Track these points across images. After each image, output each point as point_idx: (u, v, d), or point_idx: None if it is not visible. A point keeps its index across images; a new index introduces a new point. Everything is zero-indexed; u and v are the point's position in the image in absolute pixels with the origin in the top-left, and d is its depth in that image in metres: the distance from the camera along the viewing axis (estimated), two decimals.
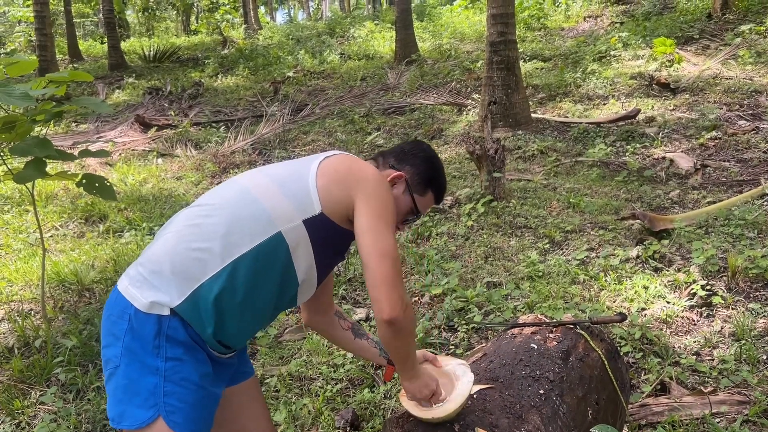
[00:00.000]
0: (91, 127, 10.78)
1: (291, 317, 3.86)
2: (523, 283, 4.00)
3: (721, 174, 6.26)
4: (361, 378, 3.11)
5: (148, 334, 1.48)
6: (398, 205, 1.74)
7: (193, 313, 1.51)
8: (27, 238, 5.37)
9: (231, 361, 1.75)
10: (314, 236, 1.59)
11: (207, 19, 28.78)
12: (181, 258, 1.52)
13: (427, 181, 1.81)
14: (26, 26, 24.07)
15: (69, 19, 19.44)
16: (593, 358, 2.16)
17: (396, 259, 1.54)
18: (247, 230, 1.54)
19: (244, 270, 1.53)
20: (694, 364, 3.02)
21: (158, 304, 1.49)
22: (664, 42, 10.58)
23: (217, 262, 1.51)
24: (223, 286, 1.51)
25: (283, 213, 1.56)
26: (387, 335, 1.57)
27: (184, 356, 1.51)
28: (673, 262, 4.15)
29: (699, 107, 8.32)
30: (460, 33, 16.90)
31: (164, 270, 1.52)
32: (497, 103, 8.66)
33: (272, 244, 1.54)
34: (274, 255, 1.56)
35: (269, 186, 1.60)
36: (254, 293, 1.56)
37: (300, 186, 1.59)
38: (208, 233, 1.54)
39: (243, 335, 1.67)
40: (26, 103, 2.89)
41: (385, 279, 1.50)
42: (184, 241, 1.55)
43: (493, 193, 5.55)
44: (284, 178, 1.62)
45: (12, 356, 3.39)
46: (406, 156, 1.81)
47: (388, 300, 1.50)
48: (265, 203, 1.57)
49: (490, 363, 2.05)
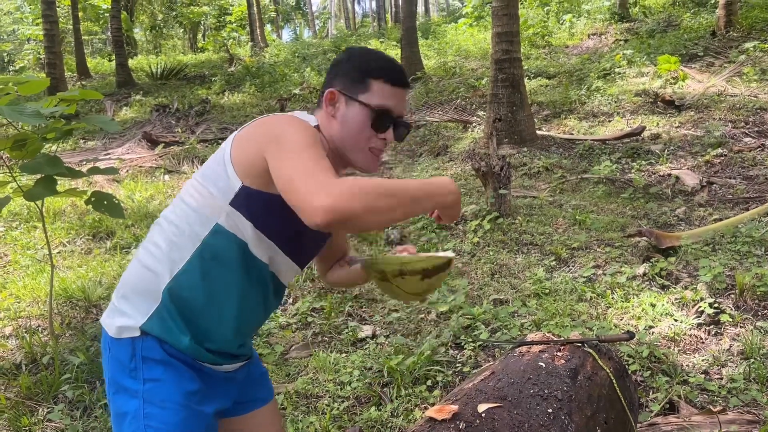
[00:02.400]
0: (98, 144, 10.87)
1: (297, 335, 3.86)
2: (530, 301, 4.00)
3: (727, 191, 6.26)
4: (368, 396, 3.10)
5: (124, 358, 1.45)
6: (352, 120, 1.47)
7: (162, 327, 1.45)
8: (35, 254, 5.39)
9: (235, 374, 1.64)
10: (249, 214, 1.42)
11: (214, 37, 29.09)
12: (138, 277, 1.49)
13: (361, 73, 1.49)
14: (35, 44, 24.37)
15: (78, 38, 19.66)
16: (601, 376, 2.15)
17: (310, 168, 1.22)
18: (186, 234, 1.45)
19: (195, 274, 1.44)
20: (702, 382, 3.00)
21: (127, 328, 1.45)
22: (668, 59, 10.63)
23: (166, 272, 1.45)
24: (182, 296, 1.45)
25: (211, 204, 1.43)
26: (344, 225, 1.19)
27: (164, 375, 1.44)
28: (680, 279, 4.14)
29: (704, 124, 8.33)
30: (465, 50, 17.01)
31: (127, 293, 1.50)
32: (502, 120, 8.69)
33: (214, 239, 1.43)
34: (221, 248, 1.44)
35: (195, 183, 1.48)
36: (218, 291, 1.46)
37: (219, 168, 1.43)
38: (158, 248, 1.48)
39: (232, 335, 1.53)
40: (37, 121, 2.93)
41: (299, 192, 1.20)
42: (138, 259, 1.51)
43: (499, 210, 5.56)
44: (208, 166, 1.48)
45: (20, 373, 3.40)
46: (330, 72, 1.54)
47: (306, 202, 1.17)
48: (194, 203, 1.45)
49: (498, 381, 2.05)
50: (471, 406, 1.91)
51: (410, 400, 2.98)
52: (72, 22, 19.80)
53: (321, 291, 4.42)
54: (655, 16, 15.28)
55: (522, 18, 13.85)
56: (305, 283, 4.60)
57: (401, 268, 1.44)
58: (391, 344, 3.53)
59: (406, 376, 3.13)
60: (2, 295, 4.48)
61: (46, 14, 15.09)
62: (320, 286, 4.51)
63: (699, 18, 13.98)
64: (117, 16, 17.98)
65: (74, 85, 17.53)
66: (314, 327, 3.93)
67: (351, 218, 1.16)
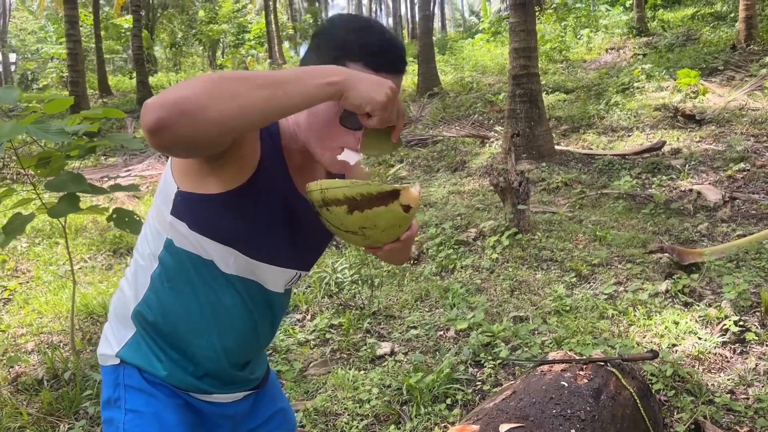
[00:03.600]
0: (119, 160, 11.02)
1: (316, 351, 3.86)
2: (551, 318, 3.96)
3: (750, 206, 6.17)
4: (387, 414, 3.08)
5: (110, 386, 1.37)
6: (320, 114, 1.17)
7: (137, 355, 1.34)
8: (57, 270, 5.46)
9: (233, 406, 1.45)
10: (191, 221, 1.22)
11: (233, 54, 29.48)
12: (116, 302, 1.41)
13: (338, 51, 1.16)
14: (59, 63, 24.86)
15: (100, 56, 20.05)
16: (625, 396, 2.12)
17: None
18: (147, 254, 1.33)
19: (160, 294, 1.31)
20: (728, 402, 2.94)
21: (108, 356, 1.38)
22: (688, 73, 10.56)
23: (133, 296, 1.35)
24: (147, 318, 1.32)
25: (160, 217, 1.28)
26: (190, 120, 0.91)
27: (144, 407, 1.33)
28: (704, 296, 4.07)
29: (726, 139, 8.25)
30: (482, 66, 17.04)
31: (111, 318, 1.42)
32: (520, 135, 8.68)
33: (168, 255, 1.28)
34: (176, 264, 1.28)
35: (155, 200, 1.33)
36: (185, 311, 1.30)
37: (165, 177, 1.27)
38: (129, 270, 1.40)
39: (217, 356, 1.34)
40: (61, 139, 2.98)
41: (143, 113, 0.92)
42: (120, 285, 1.43)
43: (517, 226, 5.53)
44: (160, 182, 1.31)
45: (41, 388, 3.43)
46: (305, 55, 1.24)
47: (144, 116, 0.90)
48: (150, 220, 1.32)
49: (520, 401, 2.02)
50: (492, 426, 1.89)
51: (430, 419, 2.95)
52: (94, 41, 20.20)
53: (339, 307, 4.42)
54: (674, 30, 15.21)
55: (539, 33, 13.85)
56: (323, 299, 4.60)
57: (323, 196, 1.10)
58: (410, 362, 3.51)
59: (425, 395, 3.10)
60: (25, 311, 4.54)
61: (69, 33, 15.40)
62: (338, 302, 4.50)
63: (719, 32, 13.89)
64: (138, 35, 18.30)
65: (96, 102, 17.83)
66: (332, 344, 3.92)
67: (185, 112, 0.89)
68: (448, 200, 7.35)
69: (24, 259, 5.80)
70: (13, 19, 32.31)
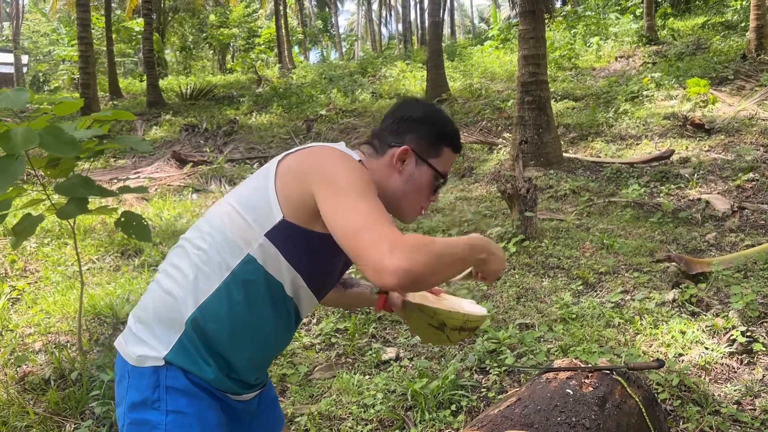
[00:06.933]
0: (128, 162, 11.08)
1: (321, 355, 3.86)
2: (557, 326, 3.95)
3: (759, 216, 6.14)
4: (392, 419, 3.08)
5: (147, 388, 1.39)
6: (418, 180, 1.52)
7: (186, 358, 1.39)
8: (65, 270, 5.49)
9: (250, 403, 1.59)
10: (284, 248, 1.38)
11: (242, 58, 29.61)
12: (160, 304, 1.43)
13: (437, 138, 1.54)
14: (70, 65, 25.05)
15: (111, 59, 20.20)
16: (630, 405, 2.11)
17: (373, 222, 1.22)
18: (215, 262, 1.40)
19: (222, 304, 1.39)
20: (735, 413, 2.92)
21: (149, 358, 1.39)
22: (698, 82, 10.53)
23: (191, 302, 1.40)
24: (207, 326, 1.40)
25: (246, 233, 1.38)
26: (415, 289, 1.40)
27: (187, 408, 1.39)
28: (711, 306, 4.05)
29: (735, 148, 8.21)
30: (491, 72, 17.05)
31: (148, 319, 1.44)
32: (528, 142, 8.67)
33: (244, 269, 1.39)
34: (250, 280, 1.39)
35: (231, 210, 1.43)
36: (246, 323, 1.42)
37: (260, 197, 1.40)
38: (182, 274, 1.42)
39: (256, 366, 1.52)
40: (74, 153, 2.98)
41: (367, 249, 1.19)
42: (161, 286, 1.45)
43: (524, 233, 5.52)
44: (244, 195, 1.44)
45: (48, 388, 3.44)
46: (400, 125, 1.54)
47: (378, 262, 1.16)
48: (229, 230, 1.40)
49: (525, 408, 2.02)
50: None
51: (434, 425, 2.95)
52: (106, 43, 20.35)
53: (344, 312, 4.42)
54: (684, 39, 15.18)
55: (548, 41, 13.86)
56: None
57: (443, 322, 1.52)
58: (415, 367, 3.51)
59: (430, 400, 3.10)
60: (33, 311, 4.56)
61: (81, 36, 15.53)
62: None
63: (729, 41, 13.86)
64: (149, 38, 18.43)
65: (106, 104, 17.95)
66: (338, 348, 3.92)
67: (421, 281, 1.19)
68: (455, 206, 7.35)
69: (33, 259, 5.84)
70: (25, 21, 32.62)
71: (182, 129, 13.65)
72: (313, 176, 1.34)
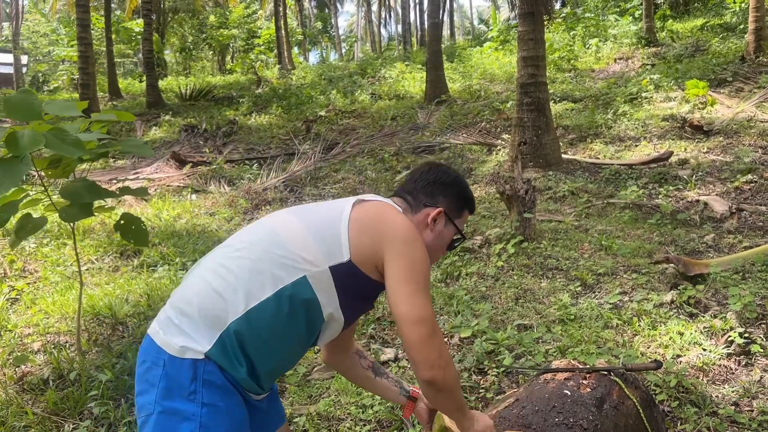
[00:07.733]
0: (128, 163, 11.08)
1: (319, 356, 3.86)
2: (555, 327, 3.95)
3: (757, 218, 6.15)
4: (390, 420, 3.08)
5: (184, 379, 1.47)
6: (445, 237, 1.79)
7: (224, 356, 1.50)
8: (64, 270, 5.49)
9: (262, 403, 1.73)
10: (340, 282, 1.57)
11: (242, 59, 29.60)
12: (207, 301, 1.52)
13: (462, 203, 1.82)
14: (70, 65, 25.03)
15: (110, 59, 20.18)
16: (628, 406, 2.12)
17: (430, 320, 1.51)
18: (271, 273, 1.53)
19: (268, 313, 1.51)
20: (732, 414, 2.93)
21: (191, 350, 1.49)
22: (696, 84, 10.55)
23: (240, 305, 1.51)
24: (248, 330, 1.50)
25: (310, 257, 1.55)
26: (429, 393, 1.59)
27: (221, 402, 1.49)
28: (709, 307, 4.06)
29: (733, 150, 8.23)
30: (490, 74, 17.07)
31: (192, 314, 1.52)
32: (527, 143, 8.69)
33: (296, 287, 1.53)
34: (298, 298, 1.54)
35: (299, 229, 1.59)
36: (280, 335, 1.55)
37: (331, 231, 1.58)
38: (234, 276, 1.54)
39: (276, 374, 1.68)
40: (78, 153, 2.99)
41: (421, 341, 1.49)
42: (210, 284, 1.55)
43: (523, 234, 5.53)
44: (315, 222, 1.61)
45: (47, 388, 3.45)
46: (434, 188, 1.78)
47: (426, 361, 1.50)
48: (292, 246, 1.56)
49: (523, 409, 2.03)
50: None
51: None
52: (105, 44, 20.34)
53: None
54: (683, 41, 15.21)
55: (548, 42, 13.87)
56: None
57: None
58: None
59: None
60: (32, 311, 4.56)
61: (81, 36, 15.51)
62: None
63: (728, 43, 13.88)
64: (149, 39, 18.42)
65: (106, 105, 17.94)
66: None
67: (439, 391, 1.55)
68: None
69: (32, 259, 5.84)
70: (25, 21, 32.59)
71: (182, 130, 13.64)
72: (387, 244, 1.56)
